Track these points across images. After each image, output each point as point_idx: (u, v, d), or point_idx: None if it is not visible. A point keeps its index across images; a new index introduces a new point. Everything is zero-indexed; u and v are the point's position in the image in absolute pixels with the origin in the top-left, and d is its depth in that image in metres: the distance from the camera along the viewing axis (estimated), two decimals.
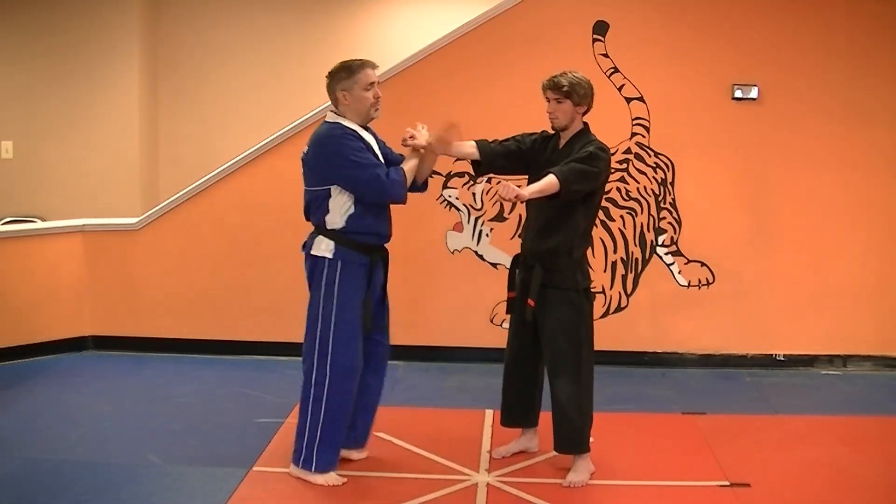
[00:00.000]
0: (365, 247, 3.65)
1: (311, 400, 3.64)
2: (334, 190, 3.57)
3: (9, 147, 7.17)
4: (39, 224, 6.39)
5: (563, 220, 3.70)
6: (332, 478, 3.66)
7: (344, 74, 3.63)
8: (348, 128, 3.61)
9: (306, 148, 3.67)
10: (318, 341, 3.62)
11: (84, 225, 5.73)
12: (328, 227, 3.61)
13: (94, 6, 7.07)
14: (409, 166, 3.70)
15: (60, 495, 3.57)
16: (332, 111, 3.71)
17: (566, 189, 3.55)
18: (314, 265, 3.65)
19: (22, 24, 7.12)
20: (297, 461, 3.70)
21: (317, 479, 3.65)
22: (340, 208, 3.58)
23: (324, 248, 3.61)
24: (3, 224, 6.66)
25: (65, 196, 7.08)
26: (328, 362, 3.60)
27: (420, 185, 3.86)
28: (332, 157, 3.54)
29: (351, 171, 3.53)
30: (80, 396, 4.88)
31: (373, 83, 3.64)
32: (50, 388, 4.99)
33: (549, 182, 3.54)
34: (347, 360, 3.62)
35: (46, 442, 4.16)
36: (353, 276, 3.62)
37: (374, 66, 3.69)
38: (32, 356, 5.49)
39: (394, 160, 3.73)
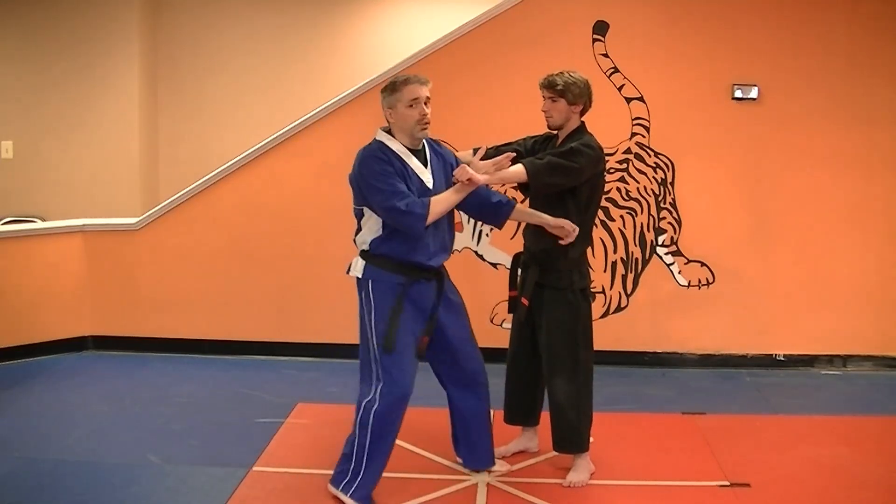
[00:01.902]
0: (395, 266, 3.48)
1: (358, 425, 3.49)
2: (367, 210, 3.48)
3: (9, 147, 7.17)
4: (39, 224, 6.39)
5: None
6: None
7: (388, 92, 3.47)
8: (387, 148, 3.46)
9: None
10: (371, 366, 3.51)
11: (84, 225, 5.73)
12: (359, 248, 3.55)
13: (94, 6, 7.07)
14: (444, 198, 3.47)
15: (60, 495, 3.57)
16: (381, 129, 3.57)
17: (536, 181, 3.55)
18: (357, 285, 3.56)
19: (22, 23, 7.12)
20: (337, 484, 3.56)
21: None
22: (370, 229, 3.50)
23: (358, 268, 3.53)
24: (3, 224, 6.66)
25: (65, 196, 7.08)
26: (379, 388, 3.47)
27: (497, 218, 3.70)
28: (360, 178, 3.44)
29: (372, 195, 3.41)
30: (80, 396, 4.88)
31: (417, 99, 3.42)
32: (50, 388, 4.99)
33: (515, 171, 3.54)
34: (395, 388, 3.46)
35: (46, 442, 4.16)
36: (384, 295, 3.47)
37: (422, 82, 3.46)
38: (32, 356, 5.49)
39: (441, 182, 3.54)
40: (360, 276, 3.52)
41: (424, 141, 3.55)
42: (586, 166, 3.63)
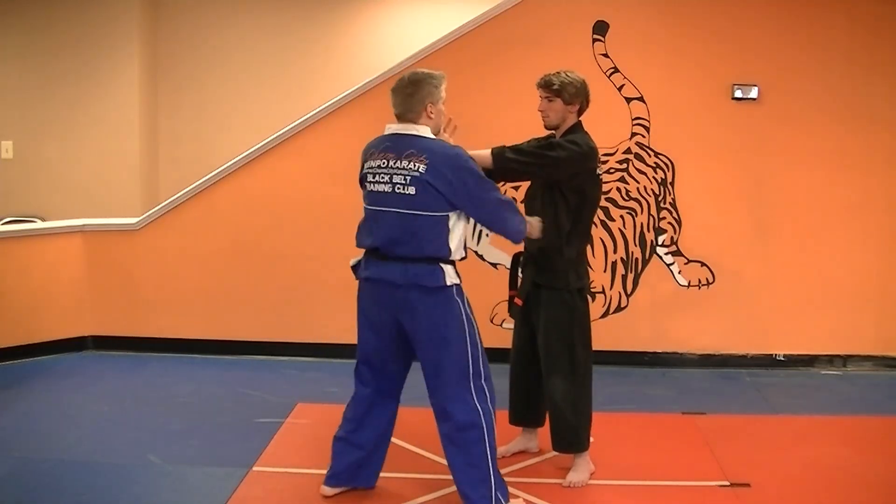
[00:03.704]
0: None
1: (486, 440, 3.36)
2: (452, 216, 3.28)
3: (9, 147, 7.17)
4: (39, 224, 6.39)
5: (548, 220, 3.69)
6: None
7: (433, 86, 3.33)
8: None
9: (419, 165, 3.22)
10: (471, 373, 3.36)
11: (84, 225, 5.73)
12: (454, 257, 3.32)
13: (94, 6, 7.07)
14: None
15: (60, 495, 3.57)
16: (412, 123, 3.34)
17: (499, 164, 3.56)
18: (438, 298, 3.30)
19: (22, 23, 7.12)
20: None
21: None
22: (461, 235, 3.32)
23: (452, 275, 3.31)
24: (3, 224, 6.66)
25: (65, 196, 7.08)
26: (488, 396, 3.39)
27: None
28: (469, 178, 3.25)
29: (488, 194, 3.29)
30: (80, 396, 4.88)
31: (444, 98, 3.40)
32: (50, 388, 4.99)
33: (481, 155, 3.55)
34: (492, 392, 3.44)
35: (46, 442, 4.16)
36: (468, 303, 3.41)
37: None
38: (32, 356, 5.49)
39: None
40: (458, 283, 3.34)
41: None
42: (564, 160, 3.60)
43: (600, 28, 5.46)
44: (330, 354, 5.57)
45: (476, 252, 5.59)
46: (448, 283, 3.30)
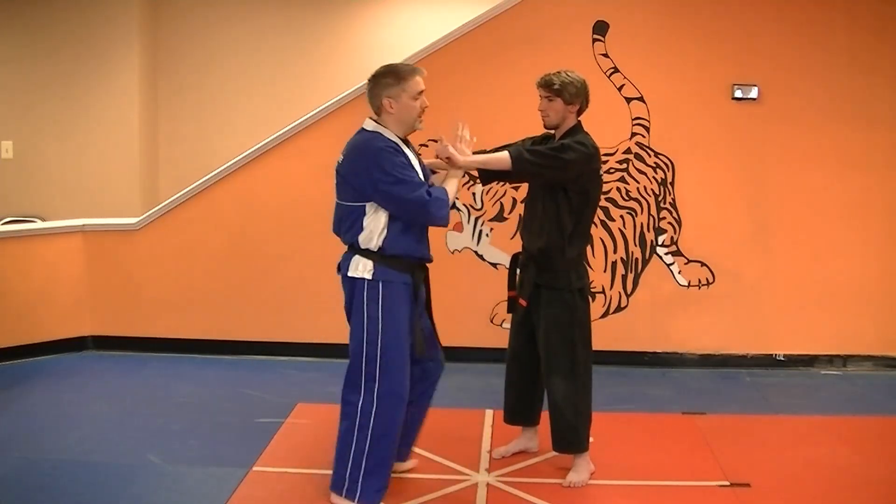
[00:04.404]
0: (404, 264, 3.39)
1: (356, 429, 3.38)
2: (369, 207, 3.32)
3: (9, 147, 7.17)
4: (39, 224, 6.39)
5: (550, 220, 3.70)
6: None
7: (392, 80, 3.37)
8: (390, 140, 3.36)
9: (341, 157, 3.41)
10: (364, 368, 3.38)
11: (84, 225, 5.73)
12: (363, 247, 3.36)
13: (93, 6, 7.07)
14: (451, 186, 3.45)
15: (60, 495, 3.57)
16: (371, 119, 3.45)
17: (519, 167, 3.56)
18: (353, 287, 3.39)
19: (21, 23, 7.11)
20: (338, 490, 3.45)
21: None
22: (376, 227, 3.33)
23: (361, 268, 3.36)
24: (3, 224, 6.66)
25: (65, 196, 7.08)
26: (375, 390, 3.37)
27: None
28: (374, 171, 3.27)
29: (392, 188, 3.26)
30: (80, 396, 4.88)
31: (421, 92, 3.39)
32: (50, 388, 4.99)
33: (498, 157, 3.56)
34: (396, 388, 3.39)
35: (46, 442, 4.16)
36: (397, 297, 3.38)
37: (423, 74, 3.42)
38: (32, 356, 5.49)
39: (427, 176, 3.49)
40: (369, 278, 3.36)
41: None
42: (574, 162, 3.61)
43: (600, 28, 5.46)
44: (330, 354, 5.57)
45: (476, 252, 5.59)
46: (353, 275, 3.38)
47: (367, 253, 3.37)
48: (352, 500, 3.43)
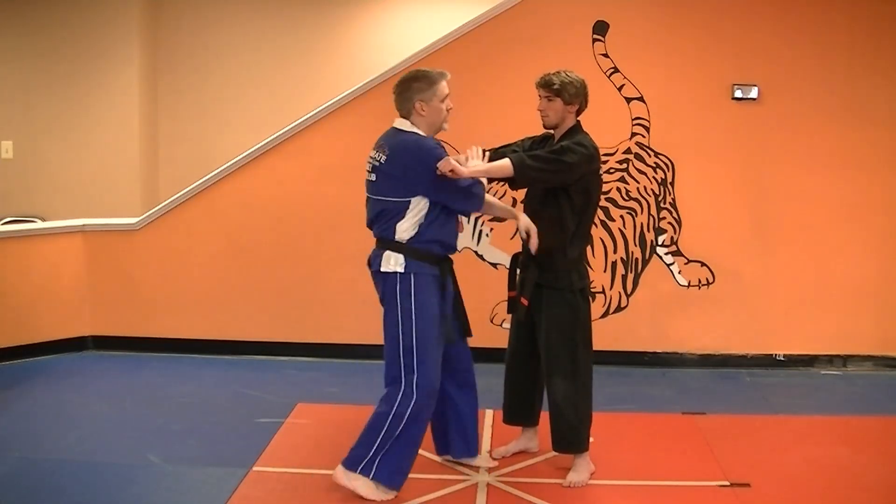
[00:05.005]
0: (434, 257, 3.53)
1: (391, 414, 3.47)
2: (415, 201, 3.45)
3: (9, 147, 7.17)
4: (39, 224, 6.39)
5: (551, 220, 3.70)
6: (384, 495, 3.53)
7: (424, 85, 3.50)
8: (432, 139, 3.53)
9: (381, 155, 3.49)
10: (402, 360, 3.49)
11: (84, 225, 5.73)
12: (396, 239, 3.48)
13: (93, 6, 7.07)
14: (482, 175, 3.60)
15: (60, 495, 3.57)
16: (404, 119, 3.55)
17: (521, 175, 3.57)
18: (385, 282, 3.52)
19: (22, 23, 7.11)
20: (353, 467, 3.53)
21: (368, 492, 3.51)
22: (415, 217, 3.46)
23: (393, 262, 3.47)
24: (3, 224, 6.66)
25: (65, 196, 7.08)
26: (415, 381, 3.48)
27: None
28: (422, 165, 3.41)
29: (442, 180, 3.39)
30: (79, 396, 4.88)
31: (448, 95, 3.54)
32: (50, 388, 4.99)
33: (501, 164, 3.56)
34: (431, 376, 3.51)
35: (46, 442, 4.16)
36: (427, 288, 3.50)
37: (448, 78, 3.57)
38: (32, 356, 5.49)
39: None
40: (401, 271, 3.47)
41: None
42: (577, 164, 3.62)
43: (600, 28, 5.46)
44: (330, 354, 5.58)
45: (476, 252, 5.59)
46: (385, 270, 3.49)
47: (397, 246, 3.49)
48: (367, 476, 3.51)
